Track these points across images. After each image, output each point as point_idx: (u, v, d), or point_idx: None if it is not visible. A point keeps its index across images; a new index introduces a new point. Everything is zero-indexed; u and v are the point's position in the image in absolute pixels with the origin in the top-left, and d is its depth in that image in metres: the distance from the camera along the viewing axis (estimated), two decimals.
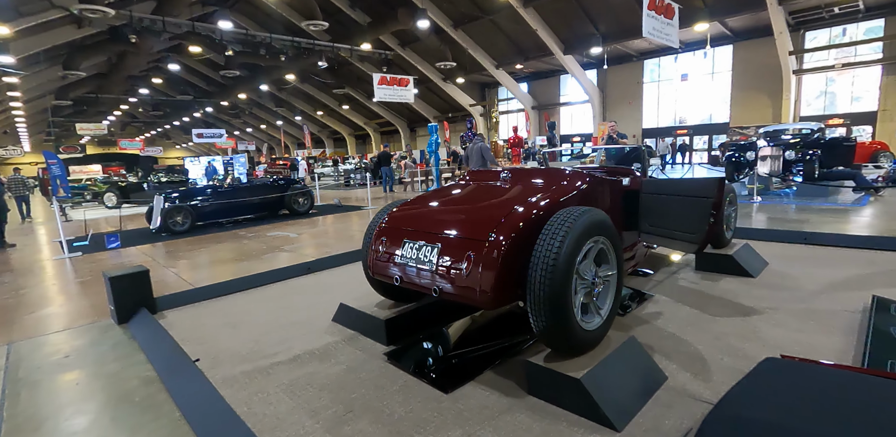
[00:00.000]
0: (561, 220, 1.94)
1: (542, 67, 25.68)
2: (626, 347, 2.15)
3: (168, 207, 7.85)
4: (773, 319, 2.80)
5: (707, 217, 2.58)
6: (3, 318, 3.85)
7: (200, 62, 31.67)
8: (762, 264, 3.86)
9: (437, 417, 1.99)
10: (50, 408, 2.34)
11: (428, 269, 2.22)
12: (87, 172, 32.41)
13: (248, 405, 2.19)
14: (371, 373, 2.43)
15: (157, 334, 3.09)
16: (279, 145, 50.34)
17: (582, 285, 2.05)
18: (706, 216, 2.59)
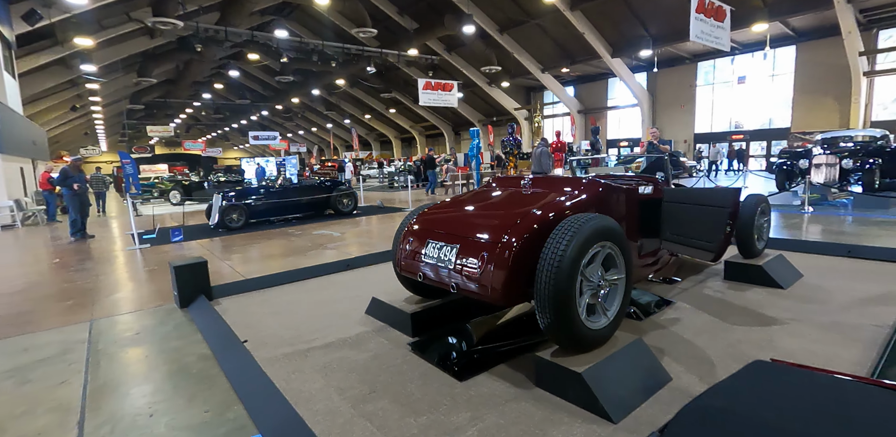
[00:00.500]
0: (568, 225, 2.10)
1: (589, 71, 25.31)
2: (632, 347, 2.27)
3: (225, 206, 8.50)
4: (793, 329, 2.80)
5: (723, 226, 2.64)
6: (85, 299, 4.41)
7: (258, 69, 33.45)
8: (795, 276, 3.79)
9: (450, 401, 2.19)
10: (124, 376, 2.74)
11: (447, 267, 2.44)
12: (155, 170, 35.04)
13: (287, 381, 2.49)
14: (395, 360, 2.67)
15: (213, 318, 3.48)
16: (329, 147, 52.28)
17: (588, 286, 2.20)
18: (722, 226, 2.64)
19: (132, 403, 2.40)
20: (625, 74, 22.30)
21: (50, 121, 28.56)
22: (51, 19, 13.99)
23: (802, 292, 3.49)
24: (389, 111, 38.20)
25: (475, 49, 24.45)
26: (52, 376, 2.77)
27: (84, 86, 23.89)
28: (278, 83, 32.39)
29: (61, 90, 23.98)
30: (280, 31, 20.71)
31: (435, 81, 17.53)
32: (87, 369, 2.85)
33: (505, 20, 21.98)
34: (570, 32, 20.72)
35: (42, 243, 8.56)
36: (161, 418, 2.24)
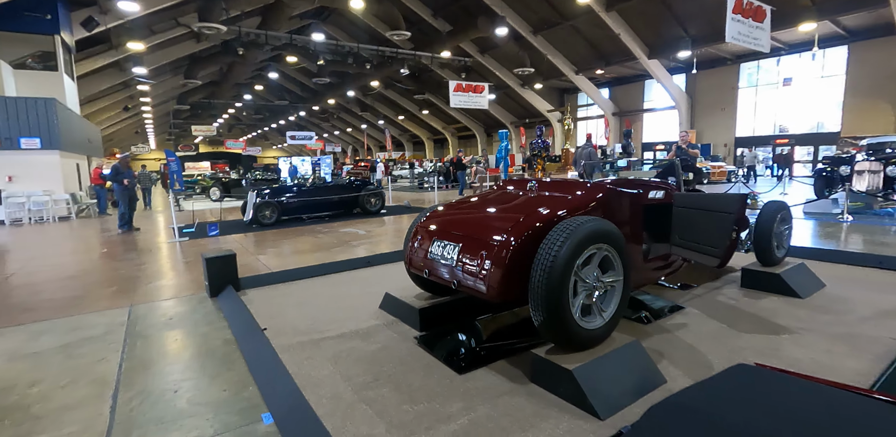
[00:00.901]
0: (564, 227, 2.18)
1: (625, 72, 24.83)
2: (628, 348, 2.32)
3: (259, 203, 8.90)
4: (802, 339, 2.77)
5: (728, 232, 2.64)
6: (127, 286, 4.77)
7: (296, 71, 34.52)
8: (816, 286, 3.69)
9: (447, 391, 2.31)
10: (156, 355, 2.99)
11: (450, 264, 2.56)
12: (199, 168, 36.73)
13: (299, 367, 2.66)
14: (401, 352, 2.81)
15: (238, 307, 3.72)
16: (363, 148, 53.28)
17: (583, 287, 2.26)
18: (728, 231, 2.64)
19: (161, 380, 2.63)
20: (662, 75, 21.77)
21: (104, 120, 30.41)
22: (106, 25, 14.97)
23: (821, 302, 3.41)
24: (422, 112, 38.60)
25: (508, 51, 24.46)
26: (94, 353, 3.06)
27: (136, 87, 25.36)
28: (315, 85, 33.28)
29: (115, 91, 25.52)
30: (317, 35, 21.36)
31: (466, 82, 17.67)
32: (125, 348, 3.12)
33: (538, 22, 21.87)
34: (605, 33, 20.41)
35: (93, 233, 9.20)
36: (184, 394, 2.45)
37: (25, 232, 9.77)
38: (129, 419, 2.23)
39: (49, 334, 3.47)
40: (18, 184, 11.28)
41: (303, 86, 38.84)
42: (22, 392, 2.55)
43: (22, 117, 11.15)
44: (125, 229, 8.85)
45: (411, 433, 1.97)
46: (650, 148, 26.19)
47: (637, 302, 3.49)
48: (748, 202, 4.10)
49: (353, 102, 40.27)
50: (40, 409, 2.37)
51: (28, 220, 11.17)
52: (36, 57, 13.68)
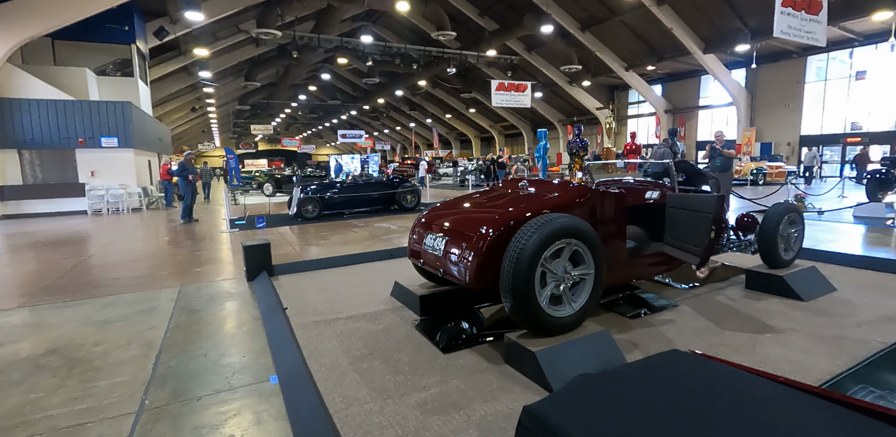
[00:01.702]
0: (533, 222, 2.40)
1: (679, 68, 23.86)
2: (596, 337, 2.51)
3: (302, 198, 9.56)
4: (786, 339, 2.81)
5: (707, 232, 2.73)
6: (181, 269, 5.42)
7: (348, 71, 35.81)
8: (825, 290, 3.64)
9: (429, 367, 2.60)
10: (194, 326, 3.49)
11: (438, 255, 2.84)
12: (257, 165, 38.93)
13: (308, 340, 3.05)
14: (399, 333, 3.12)
15: (268, 290, 4.19)
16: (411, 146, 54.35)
17: (552, 278, 2.47)
18: (706, 231, 2.74)
19: (195, 345, 3.11)
20: (718, 70, 20.76)
21: (175, 120, 33.01)
22: (175, 34, 16.37)
23: (823, 305, 3.38)
24: (469, 111, 38.84)
25: (555, 48, 24.18)
26: (146, 322, 3.61)
27: (202, 90, 27.34)
28: (366, 85, 34.43)
29: (184, 94, 27.67)
30: (366, 37, 22.14)
31: (508, 81, 17.77)
32: (171, 320, 3.65)
33: (586, 18, 21.48)
34: (657, 28, 19.74)
35: (159, 223, 10.24)
36: (212, 357, 2.90)
37: (103, 221, 11.02)
38: (167, 373, 2.70)
39: (114, 306, 4.09)
40: (99, 178, 12.68)
41: (354, 86, 40.18)
42: (88, 350, 3.10)
43: (102, 119, 12.52)
44: (186, 220, 9.80)
45: (388, 397, 2.28)
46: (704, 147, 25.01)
47: (639, 300, 3.62)
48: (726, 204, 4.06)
49: (401, 101, 41.19)
50: (101, 362, 2.89)
51: (106, 210, 12.53)
52: (116, 64, 15.23)
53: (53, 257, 6.42)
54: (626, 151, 15.29)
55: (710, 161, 7.42)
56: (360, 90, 39.98)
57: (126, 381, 2.62)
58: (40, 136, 12.06)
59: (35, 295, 4.50)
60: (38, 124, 11.98)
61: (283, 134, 54.50)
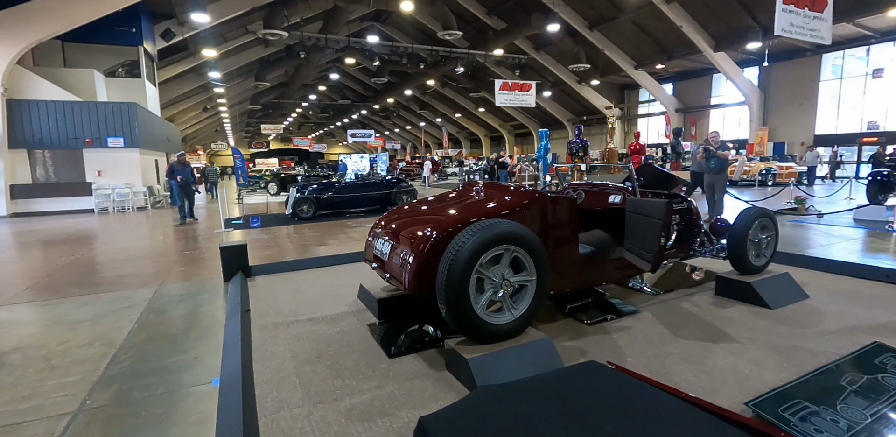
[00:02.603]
0: (471, 228, 2.38)
1: (689, 66, 23.47)
2: (536, 344, 2.47)
3: (297, 198, 9.64)
4: (740, 349, 2.74)
5: (656, 238, 2.67)
6: (165, 269, 5.51)
7: (357, 71, 35.97)
8: (795, 297, 3.54)
9: (370, 371, 2.60)
10: (158, 327, 3.54)
11: (384, 258, 2.83)
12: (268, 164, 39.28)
13: (262, 342, 3.07)
14: (353, 337, 3.13)
15: (238, 291, 4.23)
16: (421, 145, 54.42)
17: (490, 284, 2.45)
18: (656, 237, 2.68)
19: (152, 346, 3.15)
20: (730, 69, 20.35)
21: (188, 120, 33.57)
22: (183, 36, 16.63)
23: (790, 314, 3.29)
24: (479, 110, 38.75)
25: (563, 47, 23.97)
26: (114, 322, 3.67)
27: (212, 90, 27.74)
28: (375, 84, 34.58)
29: (195, 94, 28.10)
30: (372, 37, 22.21)
31: (512, 81, 17.65)
32: (138, 320, 3.71)
33: (595, 16, 21.24)
34: (666, 26, 19.44)
35: (158, 223, 10.42)
36: (164, 357, 2.94)
37: (106, 220, 11.26)
38: (117, 374, 2.74)
39: (90, 305, 4.18)
40: (105, 178, 12.96)
41: (364, 85, 40.37)
42: (51, 349, 3.17)
43: (108, 119, 12.79)
44: (182, 220, 9.89)
45: (320, 402, 2.29)
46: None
47: (608, 305, 3.56)
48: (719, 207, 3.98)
49: (411, 101, 41.25)
50: (59, 361, 2.95)
51: (112, 209, 12.80)
52: (125, 66, 15.54)
53: (47, 256, 6.58)
54: (631, 151, 15.10)
55: (704, 162, 7.27)
56: (370, 90, 40.16)
57: (75, 381, 2.67)
58: (49, 136, 12.37)
59: (19, 294, 4.62)
60: (46, 125, 12.29)
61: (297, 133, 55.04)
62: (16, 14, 11.29)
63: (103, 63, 15.10)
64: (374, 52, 22.09)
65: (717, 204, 7.26)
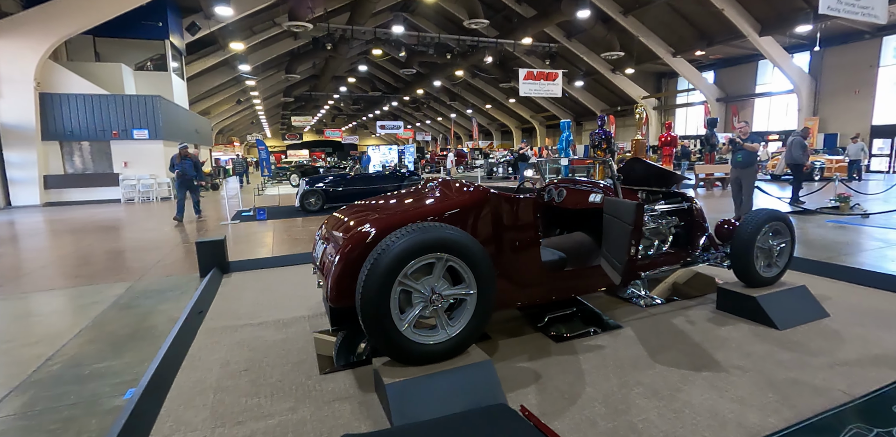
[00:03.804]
0: (396, 232, 2.06)
1: (732, 53, 21.92)
2: (473, 369, 2.13)
3: (305, 191, 9.54)
4: (726, 381, 2.30)
5: (626, 246, 2.26)
6: (152, 262, 5.46)
7: (387, 62, 35.81)
8: (811, 316, 3.02)
9: (292, 389, 2.33)
10: (114, 326, 3.42)
11: (319, 263, 2.55)
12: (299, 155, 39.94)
13: (200, 348, 2.88)
14: (294, 346, 2.88)
15: (206, 289, 4.08)
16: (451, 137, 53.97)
17: (419, 298, 2.12)
18: (625, 244, 2.27)
19: (92, 347, 3.01)
20: (777, 54, 18.83)
21: (222, 112, 34.45)
22: (209, 29, 16.84)
23: (799, 336, 2.79)
24: (509, 101, 37.93)
25: (596, 34, 22.88)
26: (71, 319, 3.58)
27: (245, 82, 28.26)
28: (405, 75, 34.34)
29: (228, 87, 28.71)
30: (398, 27, 21.90)
31: (538, 70, 16.99)
32: (97, 317, 3.61)
33: (629, 1, 20.12)
34: (707, 9, 18.14)
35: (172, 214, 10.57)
36: (97, 361, 2.79)
37: (128, 210, 11.57)
38: (41, 379, 2.60)
39: (62, 299, 4.14)
40: (131, 169, 13.34)
41: (395, 76, 40.21)
42: None
43: (134, 112, 13.11)
44: (179, 218, 8.75)
45: (221, 425, 2.04)
46: (761, 139, 22.93)
47: (594, 318, 3.18)
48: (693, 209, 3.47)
49: (441, 92, 40.80)
50: None
51: (137, 199, 13.17)
52: (153, 60, 15.90)
53: (51, 245, 6.72)
54: (661, 142, 14.23)
55: (731, 156, 6.61)
56: (400, 81, 39.97)
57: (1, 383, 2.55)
58: (79, 128, 12.81)
59: (3, 285, 4.65)
60: (76, 118, 12.72)
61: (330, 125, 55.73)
62: (45, 11, 11.65)
63: (133, 57, 15.51)
64: (401, 43, 21.81)
65: (745, 202, 6.59)
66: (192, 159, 8.96)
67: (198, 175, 9.09)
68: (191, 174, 8.93)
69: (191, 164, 8.92)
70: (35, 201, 12.35)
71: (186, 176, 8.85)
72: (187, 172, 8.84)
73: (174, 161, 8.91)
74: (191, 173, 8.93)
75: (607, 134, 11.31)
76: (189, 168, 8.89)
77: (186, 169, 8.83)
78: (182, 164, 8.82)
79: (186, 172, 8.82)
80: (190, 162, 8.90)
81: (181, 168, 8.79)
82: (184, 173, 8.81)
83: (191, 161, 8.92)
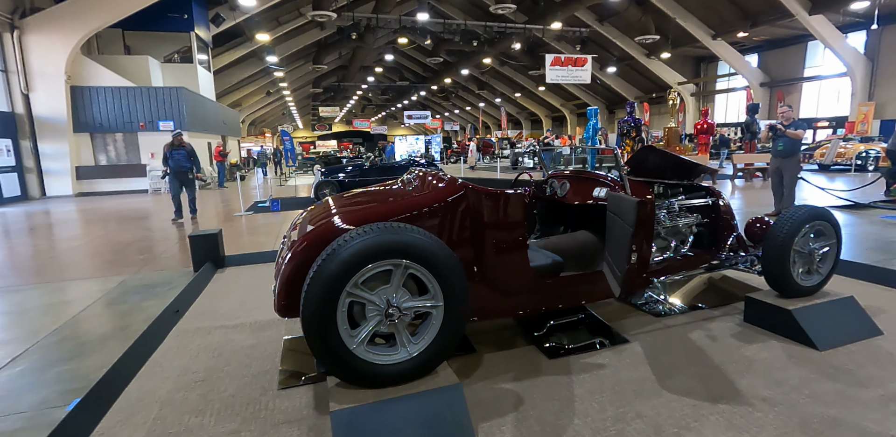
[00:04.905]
0: (346, 235, 1.77)
1: (779, 33, 20.40)
2: (438, 394, 1.83)
3: (319, 181, 9.39)
4: (746, 417, 1.90)
5: (626, 252, 1.88)
6: (153, 255, 5.39)
7: (414, 50, 35.39)
8: (860, 333, 2.55)
9: (241, 407, 2.09)
10: (91, 324, 3.30)
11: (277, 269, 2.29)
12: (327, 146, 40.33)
13: (165, 352, 2.69)
14: (262, 353, 2.64)
15: (193, 285, 3.92)
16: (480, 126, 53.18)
17: (374, 311, 1.82)
18: (625, 249, 1.89)
19: (62, 348, 2.88)
20: (829, 34, 17.34)
21: (253, 104, 34.98)
22: (235, 20, 16.89)
23: (845, 360, 2.34)
24: (539, 89, 36.87)
25: (630, 17, 21.73)
26: (57, 315, 3.49)
27: (273, 74, 28.50)
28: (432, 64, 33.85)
29: (258, 78, 29.03)
30: (422, 14, 21.42)
31: (565, 56, 16.23)
32: (79, 314, 3.50)
33: None
34: None
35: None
36: (60, 364, 2.65)
37: (153, 200, 11.77)
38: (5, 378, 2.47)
39: (55, 293, 4.07)
40: (158, 160, 13.56)
41: (423, 66, 39.72)
42: None
43: (160, 104, 13.30)
44: (176, 217, 7.84)
45: None
46: (809, 125, 21.37)
47: (602, 327, 2.82)
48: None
49: (469, 81, 40.14)
50: None
51: (164, 190, 13.42)
52: (180, 53, 16.10)
53: (65, 237, 6.80)
54: (697, 130, 13.35)
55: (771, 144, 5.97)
56: (428, 70, 39.48)
57: None
58: (108, 120, 13.10)
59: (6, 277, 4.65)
60: (105, 110, 13.01)
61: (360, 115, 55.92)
62: (73, 6, 11.87)
63: (161, 50, 15.74)
64: (427, 30, 21.39)
65: (787, 196, 5.96)
66: (186, 149, 7.66)
67: (194, 167, 7.80)
68: (185, 166, 7.64)
69: (185, 154, 7.60)
70: (68, 192, 12.76)
71: (181, 168, 7.61)
72: (182, 165, 7.58)
73: (166, 152, 7.57)
74: (185, 165, 7.63)
75: (637, 122, 10.63)
76: (183, 159, 7.59)
77: (180, 160, 7.57)
78: (174, 155, 7.53)
79: (181, 165, 7.58)
80: (184, 152, 7.60)
81: (175, 160, 7.53)
82: (178, 166, 7.56)
83: (185, 151, 7.61)
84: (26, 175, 12.35)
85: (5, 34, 11.83)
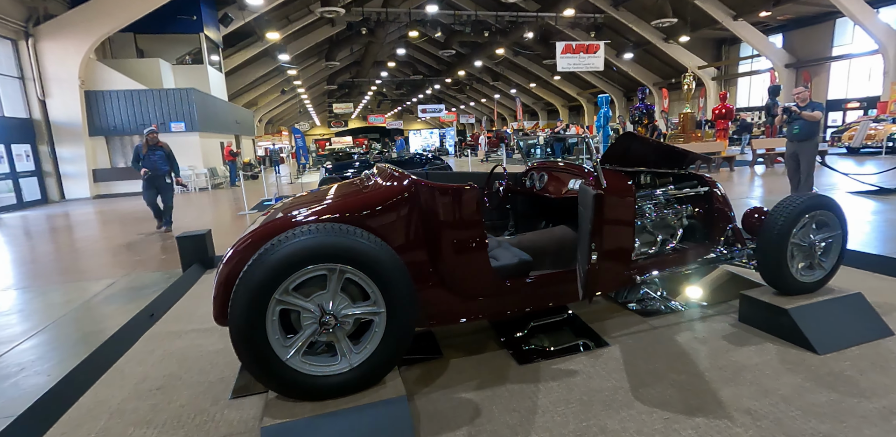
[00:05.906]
0: (280, 236, 1.65)
1: (804, 11, 19.36)
2: (378, 407, 1.70)
3: (323, 178, 9.34)
4: (724, 433, 1.72)
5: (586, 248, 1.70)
6: (150, 256, 5.42)
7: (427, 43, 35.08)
8: (867, 334, 2.30)
9: (189, 418, 2.00)
10: (70, 327, 3.29)
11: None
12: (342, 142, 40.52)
13: (132, 357, 2.65)
14: (226, 358, 2.56)
15: (177, 287, 3.89)
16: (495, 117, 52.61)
17: (309, 318, 1.69)
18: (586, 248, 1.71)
19: (33, 353, 2.86)
20: (858, 10, 16.32)
21: (269, 102, 35.34)
22: (244, 20, 16.96)
23: (846, 366, 2.10)
24: (554, 78, 36.15)
25: (645, 0, 21.00)
26: (38, 318, 3.49)
27: (287, 72, 28.67)
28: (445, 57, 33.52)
29: (272, 77, 29.24)
30: (432, 6, 21.13)
31: (576, 43, 15.76)
32: (61, 317, 3.50)
33: None
34: None
35: (201, 204, 10.78)
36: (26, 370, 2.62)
37: None
38: None
39: (43, 297, 4.10)
40: None
41: (437, 59, 39.39)
42: None
43: (171, 106, 13.49)
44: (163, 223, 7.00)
45: None
46: (838, 107, 20.32)
47: (585, 328, 2.65)
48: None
49: (484, 72, 39.64)
50: None
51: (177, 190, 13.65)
52: (191, 54, 16.29)
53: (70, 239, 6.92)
54: (715, 116, 12.81)
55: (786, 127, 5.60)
56: (442, 63, 39.15)
57: None
58: (121, 123, 13.36)
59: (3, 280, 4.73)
60: (118, 113, 13.26)
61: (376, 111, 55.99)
62: (84, 12, 12.08)
63: (174, 52, 15.95)
64: (437, 22, 21.16)
65: (804, 182, 5.59)
66: (164, 150, 6.70)
67: (172, 170, 6.81)
68: (163, 169, 6.66)
69: (162, 155, 6.64)
70: (86, 194, 13.10)
71: (158, 172, 6.61)
72: (159, 167, 6.59)
73: (139, 152, 6.55)
74: (163, 168, 6.66)
75: (648, 108, 10.24)
76: (160, 162, 6.60)
77: (157, 163, 6.56)
78: (149, 157, 6.51)
79: (158, 167, 6.58)
80: (162, 153, 6.64)
81: (149, 164, 6.51)
82: (154, 169, 6.56)
83: (163, 152, 6.66)
84: (46, 179, 12.72)
85: (21, 42, 12.13)
